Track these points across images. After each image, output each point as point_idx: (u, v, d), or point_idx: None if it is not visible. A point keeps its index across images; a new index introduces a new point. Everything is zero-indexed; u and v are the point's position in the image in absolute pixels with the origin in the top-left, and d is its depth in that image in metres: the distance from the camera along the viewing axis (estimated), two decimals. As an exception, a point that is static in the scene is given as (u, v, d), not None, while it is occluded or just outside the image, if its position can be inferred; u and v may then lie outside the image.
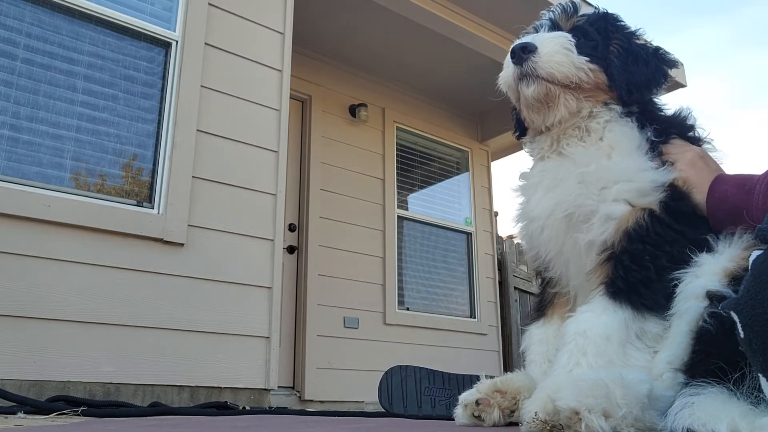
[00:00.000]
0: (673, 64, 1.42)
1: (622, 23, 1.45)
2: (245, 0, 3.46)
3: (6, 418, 1.79)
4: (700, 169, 1.29)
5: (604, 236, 1.24)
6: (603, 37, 1.40)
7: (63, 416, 1.93)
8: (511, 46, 1.38)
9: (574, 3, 1.47)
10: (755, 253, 0.79)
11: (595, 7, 1.58)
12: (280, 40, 3.55)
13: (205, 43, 3.23)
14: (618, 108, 1.37)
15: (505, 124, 6.07)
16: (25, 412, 1.92)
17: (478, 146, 6.33)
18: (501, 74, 1.45)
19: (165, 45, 3.16)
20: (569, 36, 1.37)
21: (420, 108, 5.90)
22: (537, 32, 1.45)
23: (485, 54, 4.95)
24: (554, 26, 1.44)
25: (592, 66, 1.35)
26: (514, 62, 1.37)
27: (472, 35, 4.71)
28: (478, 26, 4.69)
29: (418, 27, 4.64)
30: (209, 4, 3.30)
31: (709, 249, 1.17)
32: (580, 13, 1.44)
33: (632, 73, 1.36)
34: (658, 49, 1.43)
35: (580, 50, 1.35)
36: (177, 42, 3.16)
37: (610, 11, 1.47)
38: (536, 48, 1.34)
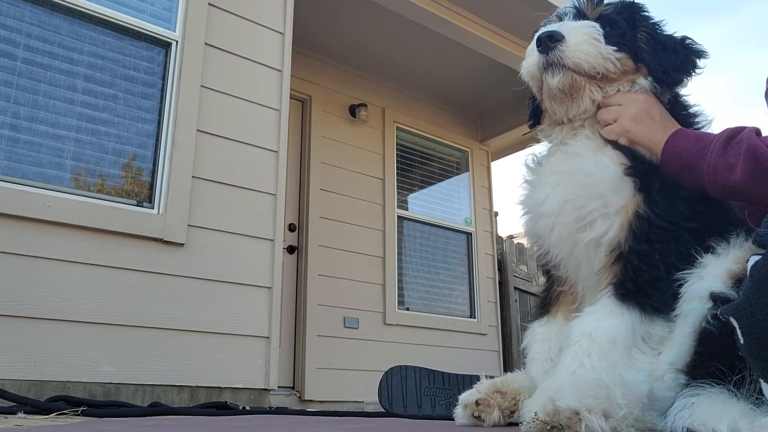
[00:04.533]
0: (702, 54, 1.39)
1: (648, 13, 1.42)
2: (245, 0, 3.45)
3: (6, 418, 1.79)
4: (645, 125, 1.28)
5: (608, 235, 1.22)
6: (630, 26, 1.37)
7: (63, 416, 1.93)
8: (537, 34, 1.33)
9: None
10: (753, 259, 0.79)
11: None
12: (280, 40, 3.55)
13: (205, 43, 3.22)
14: (646, 82, 1.35)
15: (505, 124, 6.08)
16: (25, 412, 1.92)
17: (478, 146, 6.32)
18: (524, 63, 1.40)
19: (165, 45, 3.16)
20: (597, 25, 1.33)
21: (420, 108, 5.90)
22: (561, 21, 1.41)
23: (485, 54, 4.95)
24: (579, 15, 1.40)
25: (619, 55, 1.33)
26: (539, 51, 1.32)
27: (472, 35, 4.71)
28: (478, 26, 4.69)
29: (418, 27, 4.64)
30: (209, 4, 3.29)
31: (713, 248, 1.16)
32: (606, 2, 1.41)
33: (662, 59, 1.34)
34: (685, 38, 1.40)
35: (608, 40, 1.32)
36: (177, 42, 3.16)
37: (635, 0, 1.44)
38: (563, 37, 1.30)
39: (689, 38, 1.40)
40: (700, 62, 1.39)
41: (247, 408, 2.77)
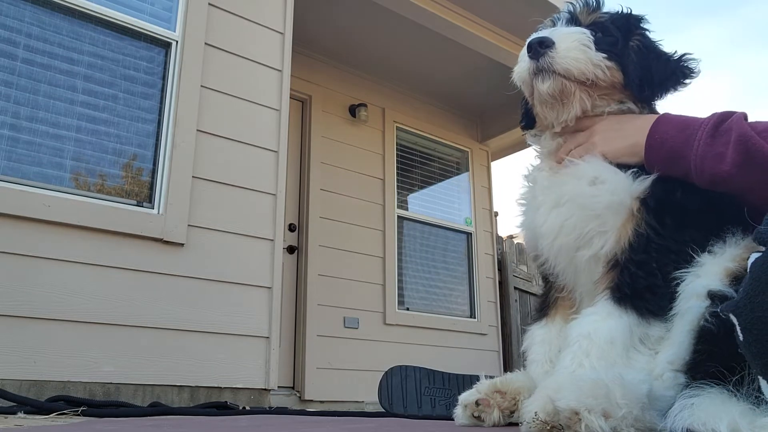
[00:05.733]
0: (692, 73, 1.38)
1: (646, 26, 1.42)
2: (245, 0, 3.46)
3: (6, 418, 1.79)
4: (617, 139, 1.28)
5: (605, 249, 1.23)
6: (623, 35, 1.37)
7: (63, 416, 1.93)
8: (528, 40, 1.35)
9: None
10: (754, 256, 0.79)
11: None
12: (280, 40, 3.55)
13: (205, 43, 3.23)
14: (631, 106, 1.36)
15: (505, 124, 6.08)
16: (25, 412, 1.92)
17: (478, 146, 6.33)
18: (516, 68, 1.41)
19: (165, 45, 3.16)
20: (588, 32, 1.34)
21: (420, 108, 5.90)
22: (554, 26, 1.42)
23: (485, 54, 4.95)
24: (573, 20, 1.41)
25: (609, 63, 1.33)
26: (530, 56, 1.34)
27: (472, 35, 4.71)
28: (478, 26, 4.69)
29: (418, 27, 4.64)
30: (209, 4, 3.30)
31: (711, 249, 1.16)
32: (603, 10, 1.41)
33: (648, 71, 1.34)
34: (683, 55, 1.39)
35: (598, 47, 1.33)
36: (177, 42, 3.16)
37: (634, 12, 1.43)
38: (554, 43, 1.31)
39: (687, 55, 1.39)
40: (687, 80, 1.38)
41: (247, 408, 2.77)
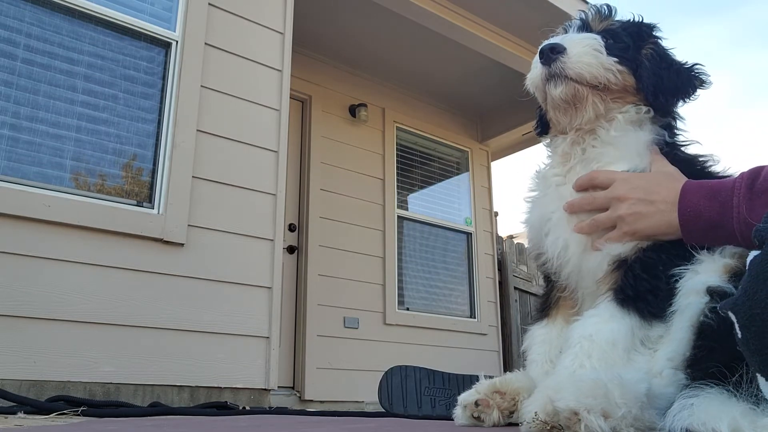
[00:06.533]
0: (704, 83, 1.38)
1: (658, 34, 1.43)
2: (245, 0, 3.46)
3: (6, 418, 1.79)
4: (650, 216, 1.21)
5: (618, 250, 1.23)
6: (635, 41, 1.38)
7: (63, 416, 1.93)
8: (540, 47, 1.36)
9: (609, 6, 1.44)
10: (752, 254, 0.79)
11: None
12: (280, 40, 3.55)
13: (205, 43, 3.23)
14: (644, 109, 1.36)
15: (505, 124, 6.09)
16: (25, 412, 1.92)
17: (478, 146, 6.33)
18: (529, 75, 1.43)
19: (165, 45, 3.16)
20: (599, 37, 1.36)
21: (420, 108, 5.90)
22: (566, 33, 1.44)
23: (485, 54, 4.95)
24: (584, 27, 1.43)
25: (620, 68, 1.34)
26: (542, 62, 1.35)
27: (472, 35, 4.71)
28: (478, 26, 4.69)
29: (418, 27, 4.65)
30: (209, 4, 3.30)
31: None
32: (615, 18, 1.42)
33: (662, 78, 1.35)
34: (694, 64, 1.40)
35: (610, 52, 1.34)
36: (177, 42, 3.16)
37: (646, 20, 1.44)
38: (565, 49, 1.32)
39: (699, 65, 1.39)
40: (699, 91, 1.38)
41: (247, 408, 2.77)
